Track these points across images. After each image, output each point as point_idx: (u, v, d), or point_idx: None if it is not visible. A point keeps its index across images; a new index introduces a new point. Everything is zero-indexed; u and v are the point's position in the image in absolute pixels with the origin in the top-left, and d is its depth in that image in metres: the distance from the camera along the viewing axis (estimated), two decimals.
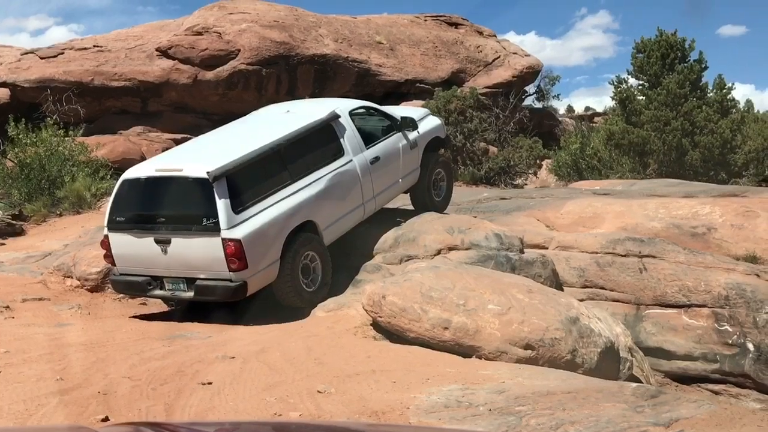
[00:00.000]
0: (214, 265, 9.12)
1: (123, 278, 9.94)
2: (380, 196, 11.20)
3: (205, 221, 9.05)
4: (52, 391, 6.25)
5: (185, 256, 9.29)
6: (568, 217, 12.51)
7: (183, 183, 9.42)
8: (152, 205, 9.74)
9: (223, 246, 8.96)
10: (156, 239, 9.36)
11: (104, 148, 23.69)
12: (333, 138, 10.65)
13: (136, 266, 9.69)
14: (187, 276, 9.39)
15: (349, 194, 10.61)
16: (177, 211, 9.51)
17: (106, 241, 9.84)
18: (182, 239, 9.25)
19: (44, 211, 16.86)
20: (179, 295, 9.61)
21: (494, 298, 8.11)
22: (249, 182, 9.49)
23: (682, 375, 9.88)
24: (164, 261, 9.37)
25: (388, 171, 11.27)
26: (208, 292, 9.31)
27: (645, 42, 25.00)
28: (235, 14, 30.04)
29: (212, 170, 9.06)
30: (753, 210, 11.71)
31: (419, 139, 11.78)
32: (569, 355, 7.69)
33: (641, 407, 5.91)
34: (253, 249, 9.11)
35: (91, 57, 28.50)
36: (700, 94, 24.25)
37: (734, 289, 9.84)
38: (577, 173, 25.02)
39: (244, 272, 9.09)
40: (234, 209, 9.07)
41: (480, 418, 5.62)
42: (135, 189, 9.84)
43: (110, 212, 9.85)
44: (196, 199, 9.26)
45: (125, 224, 9.65)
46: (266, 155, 9.85)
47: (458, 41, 34.45)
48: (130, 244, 9.62)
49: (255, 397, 6.16)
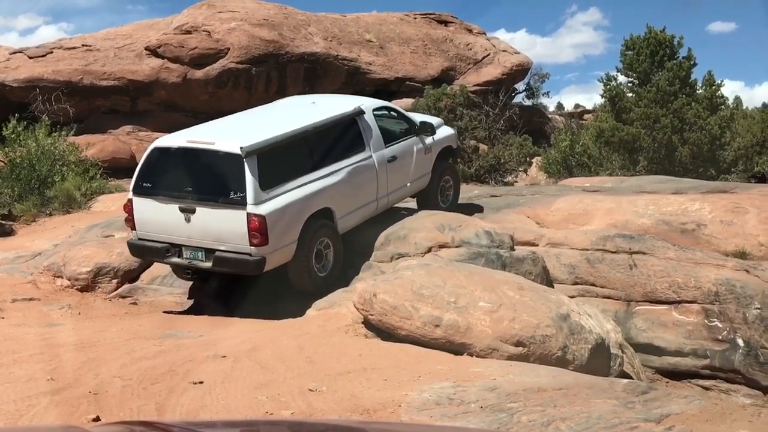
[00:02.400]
0: (235, 238, 9.33)
1: (141, 243, 10.08)
2: (392, 194, 11.50)
3: (232, 194, 9.27)
4: (42, 391, 6.24)
5: (208, 226, 9.49)
6: (559, 214, 12.53)
7: (214, 156, 9.63)
8: (181, 175, 9.89)
9: (248, 220, 9.19)
10: (181, 207, 9.55)
11: (94, 147, 23.58)
12: (356, 133, 10.99)
13: (157, 232, 9.86)
14: (206, 246, 9.57)
15: (366, 188, 10.92)
16: (205, 183, 9.70)
17: (129, 204, 10.01)
18: (207, 209, 9.46)
19: (34, 211, 16.78)
20: (197, 264, 9.78)
21: (485, 296, 8.12)
22: (277, 163, 9.70)
23: (673, 371, 9.91)
24: (186, 229, 9.58)
25: (402, 172, 11.59)
26: (226, 263, 9.51)
27: (634, 39, 25.07)
28: (225, 13, 29.97)
29: (245, 146, 9.33)
30: (742, 206, 11.75)
31: (434, 145, 12.18)
32: (560, 351, 7.71)
33: (632, 403, 5.93)
34: (275, 227, 9.33)
35: (80, 56, 28.40)
36: (690, 91, 24.33)
37: (724, 285, 9.88)
38: (567, 170, 25.07)
39: (264, 248, 9.29)
40: (261, 186, 9.32)
41: (471, 415, 5.63)
42: (164, 157, 10.04)
43: (137, 177, 10.03)
44: (225, 172, 9.48)
45: (151, 190, 9.82)
46: (295, 140, 10.16)
47: (448, 39, 34.45)
48: (154, 210, 9.80)
49: (246, 395, 6.16)
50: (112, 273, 11.37)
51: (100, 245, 12.14)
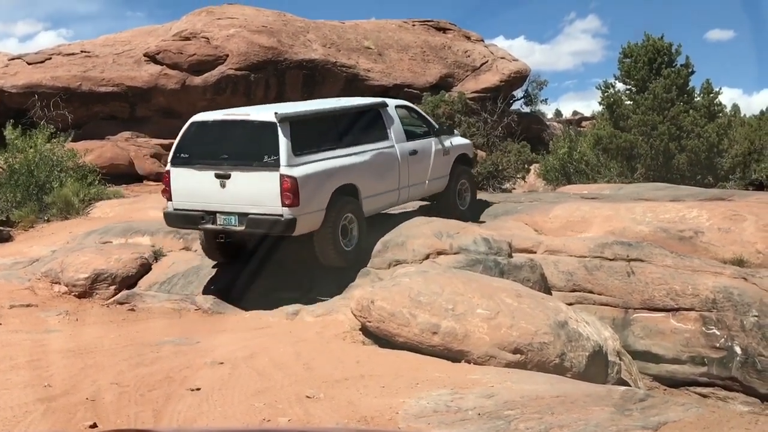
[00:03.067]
0: (268, 199, 9.84)
1: (176, 212, 10.59)
2: (412, 188, 12.10)
3: (266, 158, 9.83)
4: (39, 397, 6.23)
5: (242, 190, 10.01)
6: (557, 221, 12.53)
7: (250, 125, 10.35)
8: (217, 144, 10.43)
9: (280, 181, 9.72)
10: (216, 174, 10.08)
11: (92, 153, 23.61)
12: (379, 123, 11.76)
13: (192, 200, 10.41)
14: (239, 211, 10.05)
15: (388, 175, 11.57)
16: (240, 149, 10.25)
17: (167, 176, 10.63)
18: (242, 173, 10.01)
19: (32, 217, 16.78)
20: (230, 228, 10.24)
21: (483, 303, 8.12)
22: (308, 134, 10.34)
23: (670, 378, 9.90)
24: (220, 195, 10.10)
25: (422, 167, 12.25)
26: (259, 224, 10.00)
27: (632, 47, 25.10)
28: (223, 19, 30.04)
29: (279, 113, 10.04)
30: (740, 213, 11.75)
31: (452, 149, 12.98)
32: (558, 359, 7.71)
33: (629, 411, 5.93)
34: (305, 190, 9.86)
35: (78, 62, 28.45)
36: (687, 98, 24.36)
37: (722, 293, 9.88)
38: (565, 177, 25.07)
39: (295, 209, 9.79)
40: (293, 151, 9.89)
41: (469, 422, 5.62)
42: (202, 130, 10.64)
43: (175, 150, 10.68)
44: (260, 138, 10.05)
45: (188, 160, 10.42)
46: (324, 116, 11.19)
47: (446, 46, 34.53)
48: (190, 179, 10.38)
49: (244, 402, 6.16)
50: (109, 279, 11.36)
51: (98, 251, 12.13)
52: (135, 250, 12.18)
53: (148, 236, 13.19)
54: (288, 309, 9.88)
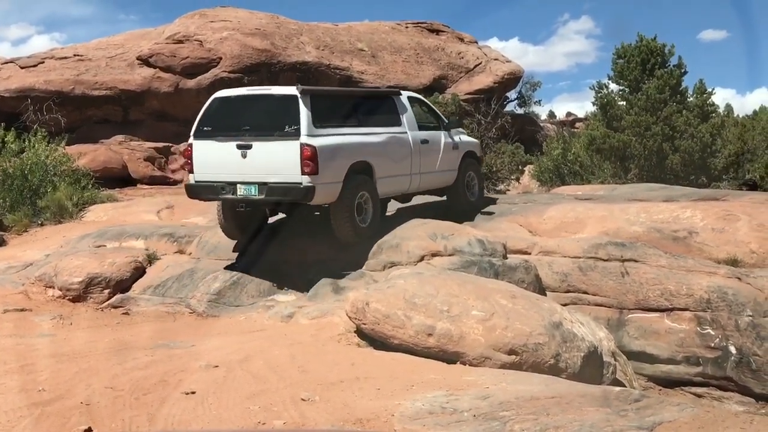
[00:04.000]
0: (288, 168, 10.27)
1: (198, 184, 11.06)
2: (423, 176, 12.55)
3: (287, 128, 10.31)
4: (34, 402, 6.21)
5: (263, 160, 10.46)
6: (551, 222, 12.54)
7: (272, 98, 10.96)
8: (239, 117, 10.90)
9: (301, 150, 10.16)
10: (238, 144, 10.52)
11: (85, 157, 23.57)
12: (393, 109, 12.30)
13: (213, 172, 10.84)
14: (259, 180, 10.46)
15: (401, 159, 12.07)
16: (262, 121, 10.72)
17: (189, 149, 11.08)
18: (263, 144, 10.48)
19: (26, 221, 16.73)
20: (250, 197, 10.63)
21: (478, 304, 8.12)
22: (327, 110, 10.87)
23: (665, 379, 9.91)
24: (241, 166, 10.52)
25: (432, 158, 12.74)
26: (279, 192, 10.48)
27: (625, 47, 25.12)
28: (217, 22, 30.02)
29: (302, 87, 10.58)
30: (733, 213, 11.77)
31: (461, 144, 13.58)
32: (553, 359, 7.71)
33: (625, 411, 5.93)
34: (323, 159, 10.28)
35: (71, 66, 28.41)
36: (680, 98, 24.37)
37: (716, 293, 9.89)
38: (559, 178, 25.09)
39: (314, 177, 10.21)
40: (314, 123, 10.36)
41: (464, 423, 5.62)
42: (223, 104, 11.10)
43: (198, 124, 11.04)
44: (282, 110, 10.52)
45: (210, 132, 10.86)
46: (342, 96, 12.24)
47: (439, 48, 34.56)
48: (212, 151, 10.83)
49: (239, 405, 6.14)
50: (103, 283, 11.34)
51: (92, 255, 12.11)
52: (129, 253, 12.16)
53: (142, 240, 13.18)
54: (283, 311, 9.88)
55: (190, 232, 13.35)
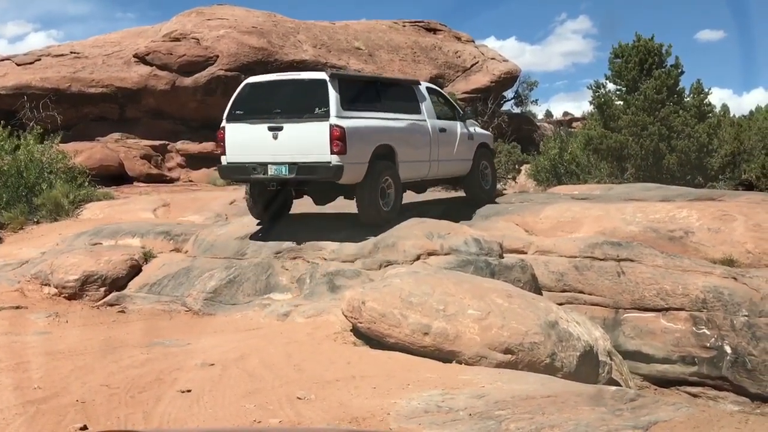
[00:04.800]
0: (318, 148, 10.80)
1: (231, 165, 11.59)
2: (441, 164, 13.12)
3: (317, 110, 10.86)
4: (29, 399, 6.21)
5: (294, 140, 10.97)
6: (547, 221, 12.55)
7: (302, 83, 11.52)
8: (270, 100, 11.49)
9: (330, 130, 10.69)
10: (269, 126, 11.06)
11: (82, 155, 23.54)
12: (414, 98, 12.88)
13: (245, 153, 11.36)
14: (290, 161, 10.96)
15: (421, 145, 12.63)
16: (293, 104, 11.27)
17: (221, 133, 11.55)
18: (294, 125, 11.02)
19: (21, 219, 16.70)
20: (281, 177, 11.13)
21: (474, 303, 8.12)
22: (354, 94, 11.47)
23: (661, 378, 9.92)
24: (272, 147, 11.04)
25: (449, 146, 13.32)
26: (309, 171, 10.98)
27: (622, 47, 25.12)
28: (213, 20, 29.97)
29: (331, 71, 11.32)
30: (730, 213, 11.78)
31: (475, 135, 14.19)
32: (548, 359, 7.71)
33: (620, 411, 5.93)
34: (351, 139, 10.82)
35: (68, 63, 28.36)
36: (677, 99, 24.39)
37: (712, 293, 9.90)
38: (556, 178, 25.09)
39: (343, 157, 10.74)
40: (342, 106, 10.91)
41: (460, 422, 5.62)
42: (255, 89, 11.68)
43: (230, 108, 11.56)
44: (312, 93, 11.06)
45: (243, 116, 11.41)
46: (367, 83, 12.78)
47: (436, 47, 34.54)
48: (244, 133, 11.38)
49: (234, 404, 6.14)
50: (99, 281, 11.33)
51: (88, 253, 12.10)
52: (125, 251, 12.15)
53: (138, 238, 13.17)
54: (279, 310, 9.87)
55: (186, 230, 13.34)
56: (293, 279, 10.78)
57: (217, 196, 19.09)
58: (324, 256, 10.91)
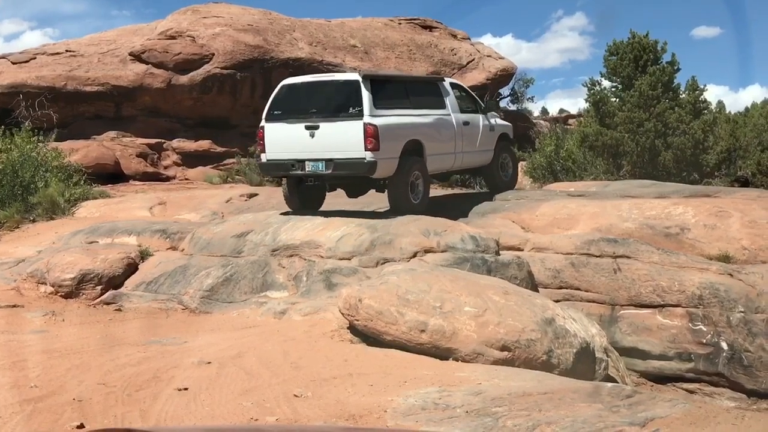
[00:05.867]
0: (352, 145, 11.55)
1: (270, 162, 12.43)
2: (465, 155, 13.87)
3: (351, 110, 11.62)
4: (26, 398, 6.20)
5: (329, 138, 11.71)
6: (543, 218, 12.56)
7: (336, 84, 12.42)
8: (307, 101, 12.18)
9: (364, 128, 11.44)
10: (306, 126, 11.79)
11: (77, 153, 23.49)
12: (438, 94, 13.59)
13: (283, 151, 12.13)
14: (326, 157, 11.73)
15: (447, 139, 13.34)
16: (328, 104, 11.99)
17: (261, 132, 12.32)
18: (329, 124, 11.76)
19: (17, 218, 16.68)
20: (318, 172, 11.89)
21: (470, 301, 8.13)
22: (385, 93, 12.21)
23: (658, 374, 9.94)
24: (309, 145, 11.79)
25: (472, 138, 14.04)
26: (344, 167, 11.76)
27: (618, 44, 25.11)
28: (209, 18, 29.90)
29: (363, 72, 12.13)
30: (725, 210, 11.80)
31: (496, 127, 14.89)
32: (545, 355, 7.73)
33: (617, 407, 5.95)
34: (383, 137, 11.58)
35: (63, 62, 28.27)
36: (673, 95, 24.39)
37: (708, 289, 9.92)
38: (552, 175, 25.08)
39: (376, 153, 11.51)
40: (374, 105, 11.64)
41: (457, 419, 5.63)
42: (291, 91, 12.40)
43: (268, 108, 12.34)
44: (346, 94, 11.82)
45: (281, 116, 12.15)
46: (396, 81, 13.68)
47: (432, 44, 34.51)
48: (282, 132, 12.12)
49: (231, 402, 6.14)
50: (96, 279, 11.32)
51: (84, 252, 12.08)
52: (121, 250, 12.14)
53: (134, 236, 13.16)
54: (276, 308, 9.87)
55: (182, 228, 13.33)
56: (290, 277, 10.77)
57: (214, 194, 19.09)
58: (320, 253, 10.90)
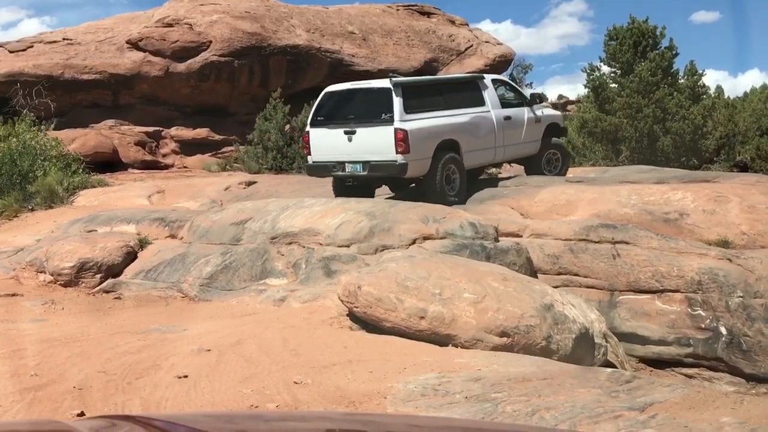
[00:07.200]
0: (385, 148, 12.44)
1: (315, 164, 13.47)
2: (507, 148, 14.52)
3: (383, 116, 12.46)
4: (26, 386, 6.20)
5: (365, 142, 12.67)
6: (542, 205, 12.55)
7: (371, 91, 13.10)
8: (346, 108, 13.18)
9: (395, 133, 12.31)
10: (345, 131, 12.84)
11: (76, 141, 23.51)
12: (477, 91, 14.24)
13: (326, 154, 13.16)
14: (363, 160, 12.74)
15: (486, 135, 13.97)
16: (364, 110, 12.88)
17: (307, 136, 13.50)
18: (365, 129, 12.71)
19: (16, 206, 16.68)
20: (356, 173, 12.96)
21: (470, 287, 8.13)
22: (417, 97, 12.97)
23: (657, 359, 9.95)
24: (348, 148, 12.83)
25: (515, 131, 14.62)
26: (379, 169, 12.73)
27: (617, 29, 25.10)
28: (206, 5, 29.80)
29: (393, 80, 12.75)
30: (724, 195, 11.79)
31: (543, 118, 15.33)
32: (544, 341, 7.73)
33: (616, 392, 5.95)
34: (414, 140, 12.42)
35: (60, 50, 28.20)
36: (672, 80, 24.39)
37: (707, 274, 9.92)
38: None
39: (407, 155, 12.38)
40: (405, 110, 12.47)
41: (456, 405, 5.63)
42: (333, 97, 13.49)
43: (313, 114, 13.49)
44: (379, 101, 12.59)
45: (323, 121, 13.23)
46: (430, 85, 14.47)
47: (430, 30, 34.43)
48: (325, 136, 13.15)
49: (231, 389, 6.15)
50: (95, 268, 11.31)
51: (83, 240, 12.08)
52: (120, 238, 12.13)
53: (133, 224, 13.15)
54: (275, 295, 9.87)
55: (181, 216, 13.32)
56: (289, 264, 10.77)
57: (212, 182, 19.08)
58: (319, 241, 10.88)
